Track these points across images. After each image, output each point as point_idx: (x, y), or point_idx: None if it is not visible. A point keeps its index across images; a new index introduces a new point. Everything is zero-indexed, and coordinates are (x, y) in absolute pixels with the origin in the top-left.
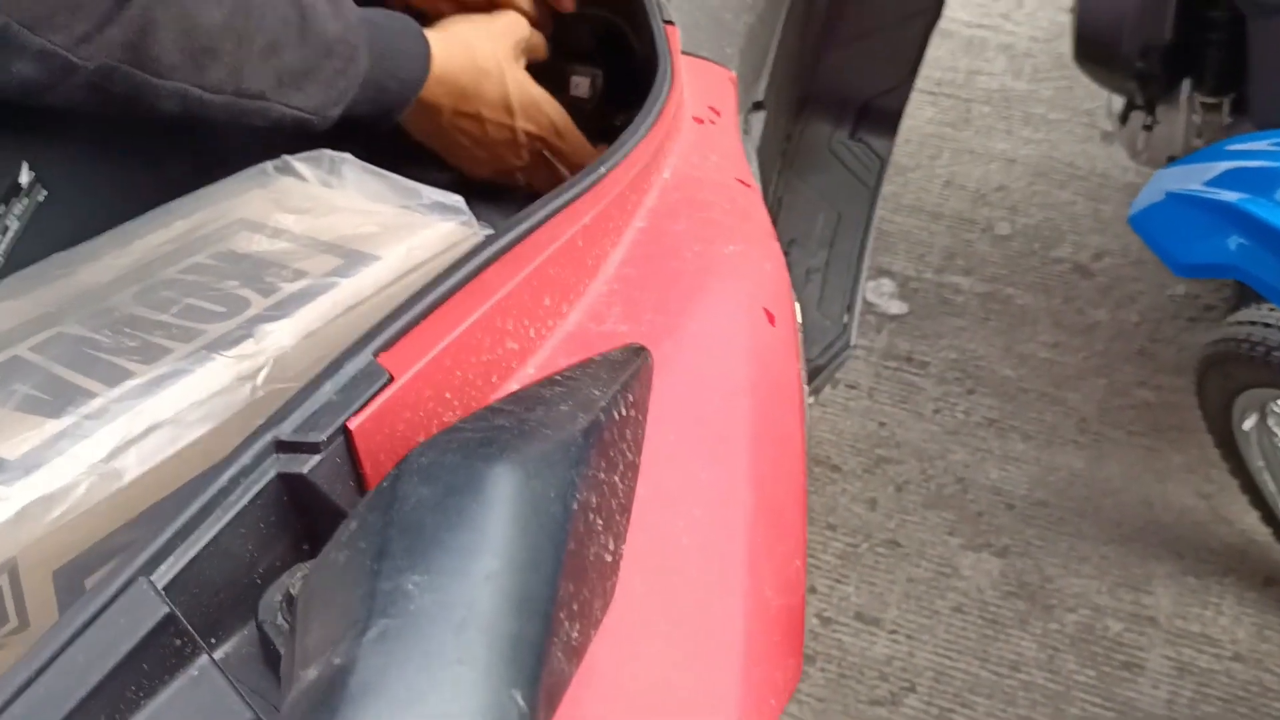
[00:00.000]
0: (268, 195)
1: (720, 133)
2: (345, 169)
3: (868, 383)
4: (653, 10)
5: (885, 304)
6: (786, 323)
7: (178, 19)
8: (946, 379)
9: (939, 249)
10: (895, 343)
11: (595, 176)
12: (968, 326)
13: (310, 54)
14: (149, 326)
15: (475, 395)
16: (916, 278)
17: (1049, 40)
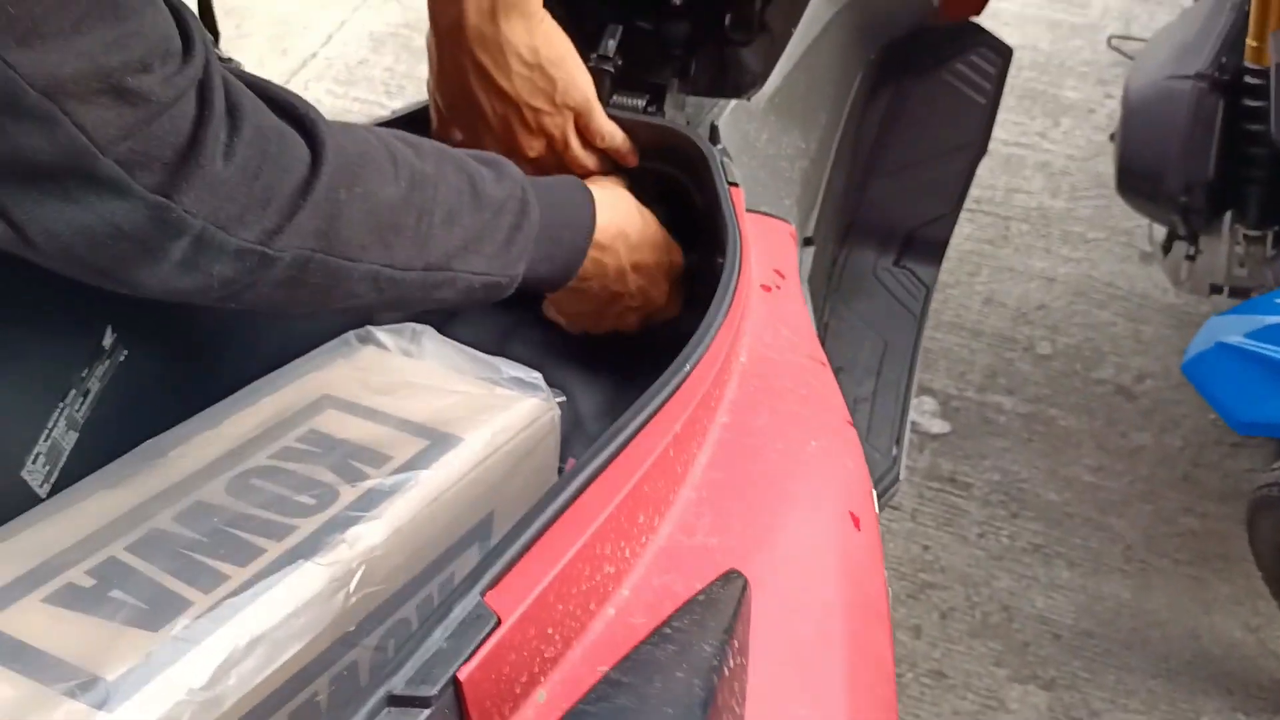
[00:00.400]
0: (352, 368)
1: (787, 299)
2: (425, 340)
3: (911, 504)
4: (718, 174)
5: (927, 423)
6: (870, 526)
7: (361, 198)
8: (990, 501)
9: (980, 367)
10: (938, 463)
11: (681, 376)
12: (1011, 447)
13: (486, 216)
14: (241, 522)
15: (574, 626)
16: (958, 396)
17: (1086, 159)
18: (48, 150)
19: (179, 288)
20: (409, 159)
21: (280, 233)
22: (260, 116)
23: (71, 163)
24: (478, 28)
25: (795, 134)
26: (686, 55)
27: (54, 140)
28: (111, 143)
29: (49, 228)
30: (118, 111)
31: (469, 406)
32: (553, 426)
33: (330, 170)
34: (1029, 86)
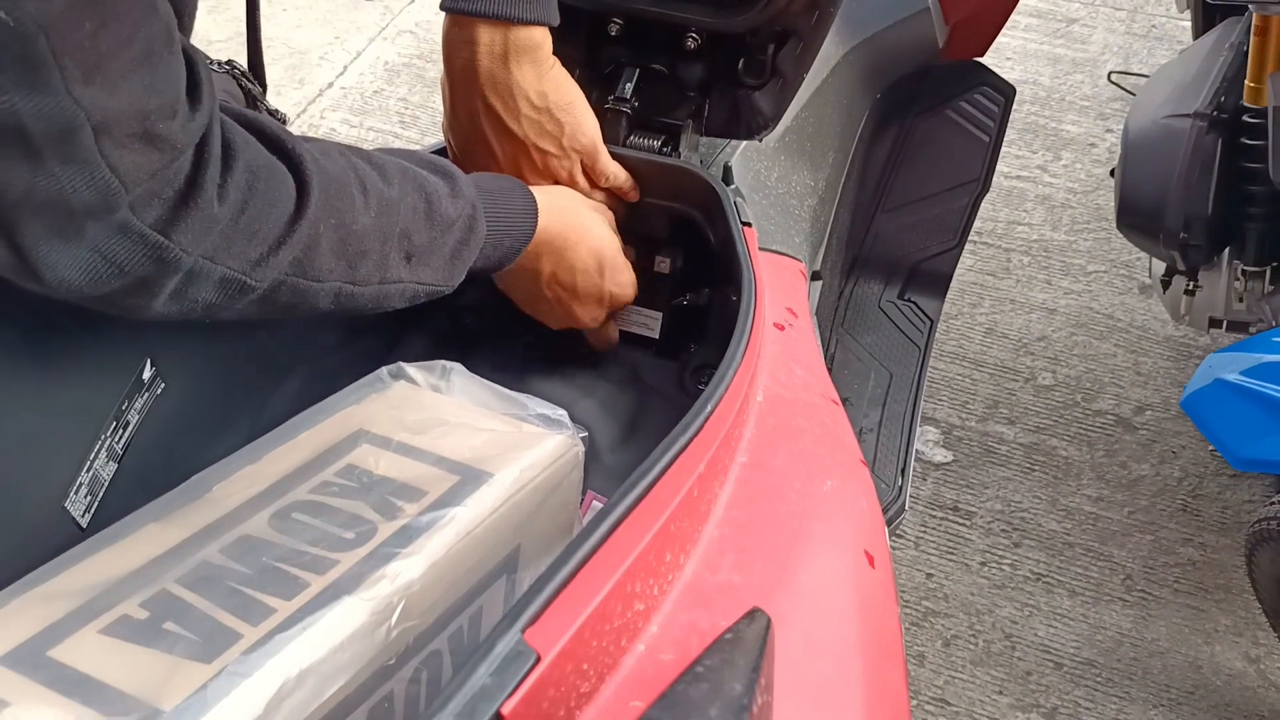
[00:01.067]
0: (385, 405)
1: (800, 338)
2: (454, 377)
3: (914, 532)
4: (732, 215)
5: (930, 452)
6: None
7: (335, 229)
8: (993, 530)
9: (982, 397)
10: (941, 492)
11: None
12: (1013, 477)
13: (437, 234)
14: (285, 556)
15: (608, 662)
16: (960, 426)
17: (1086, 193)
18: (85, 192)
19: (164, 313)
20: (378, 186)
21: (263, 264)
22: (251, 153)
23: (99, 204)
24: (489, 71)
25: (804, 172)
26: (701, 97)
27: (92, 182)
28: (136, 186)
29: (58, 268)
30: (146, 156)
31: (498, 443)
32: (576, 462)
33: (314, 206)
34: (1030, 120)
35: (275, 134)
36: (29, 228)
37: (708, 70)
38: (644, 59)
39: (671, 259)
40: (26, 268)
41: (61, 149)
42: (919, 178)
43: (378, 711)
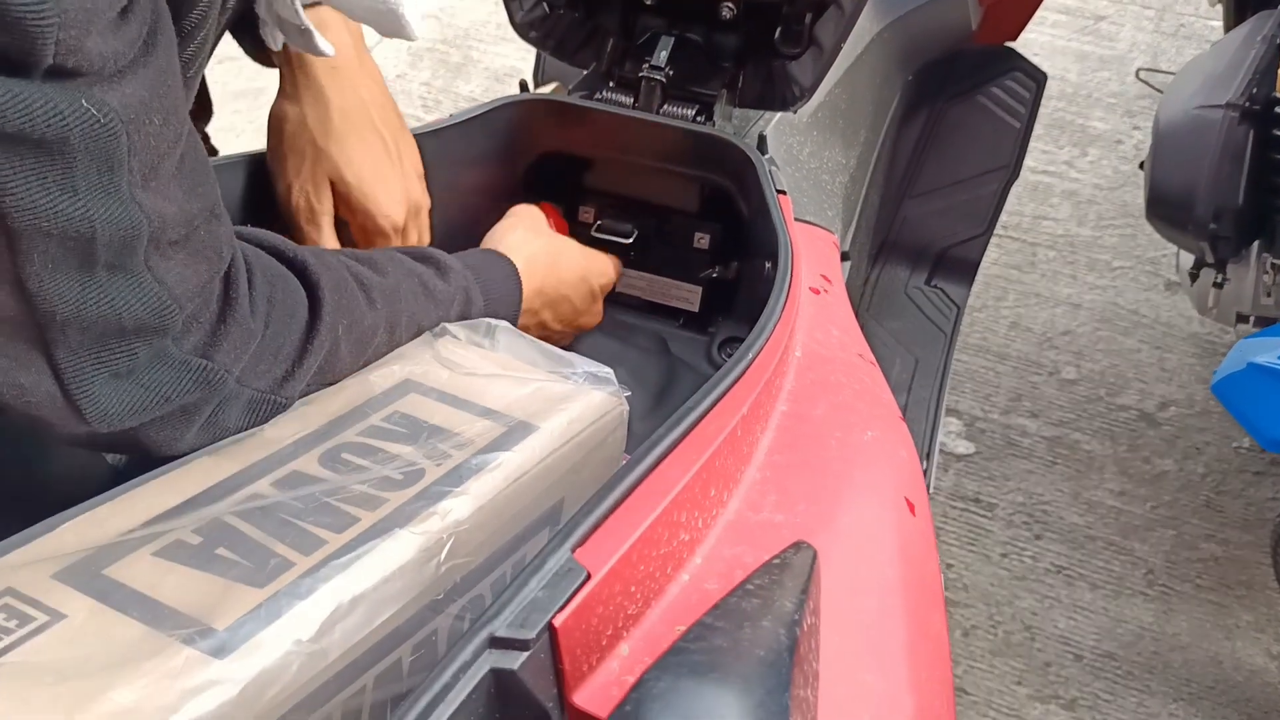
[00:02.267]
0: (433, 357)
1: (835, 302)
2: (500, 334)
3: (935, 522)
4: (766, 182)
5: (952, 443)
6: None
7: (349, 329)
8: (1014, 522)
9: (1005, 390)
10: (962, 483)
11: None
12: (1035, 470)
13: (441, 311)
14: (335, 492)
15: (653, 587)
16: (984, 418)
17: (1112, 189)
18: (137, 308)
19: (191, 446)
20: (373, 279)
21: (290, 379)
22: (263, 260)
23: (151, 322)
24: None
25: (837, 149)
26: (736, 68)
27: (144, 297)
28: (188, 302)
29: (101, 399)
30: (194, 269)
31: (545, 396)
32: (621, 420)
33: (328, 311)
34: (1057, 116)
35: (273, 242)
36: (76, 354)
37: (743, 40)
38: (679, 28)
39: (711, 235)
40: (68, 401)
41: (119, 259)
42: (949, 163)
43: (423, 646)
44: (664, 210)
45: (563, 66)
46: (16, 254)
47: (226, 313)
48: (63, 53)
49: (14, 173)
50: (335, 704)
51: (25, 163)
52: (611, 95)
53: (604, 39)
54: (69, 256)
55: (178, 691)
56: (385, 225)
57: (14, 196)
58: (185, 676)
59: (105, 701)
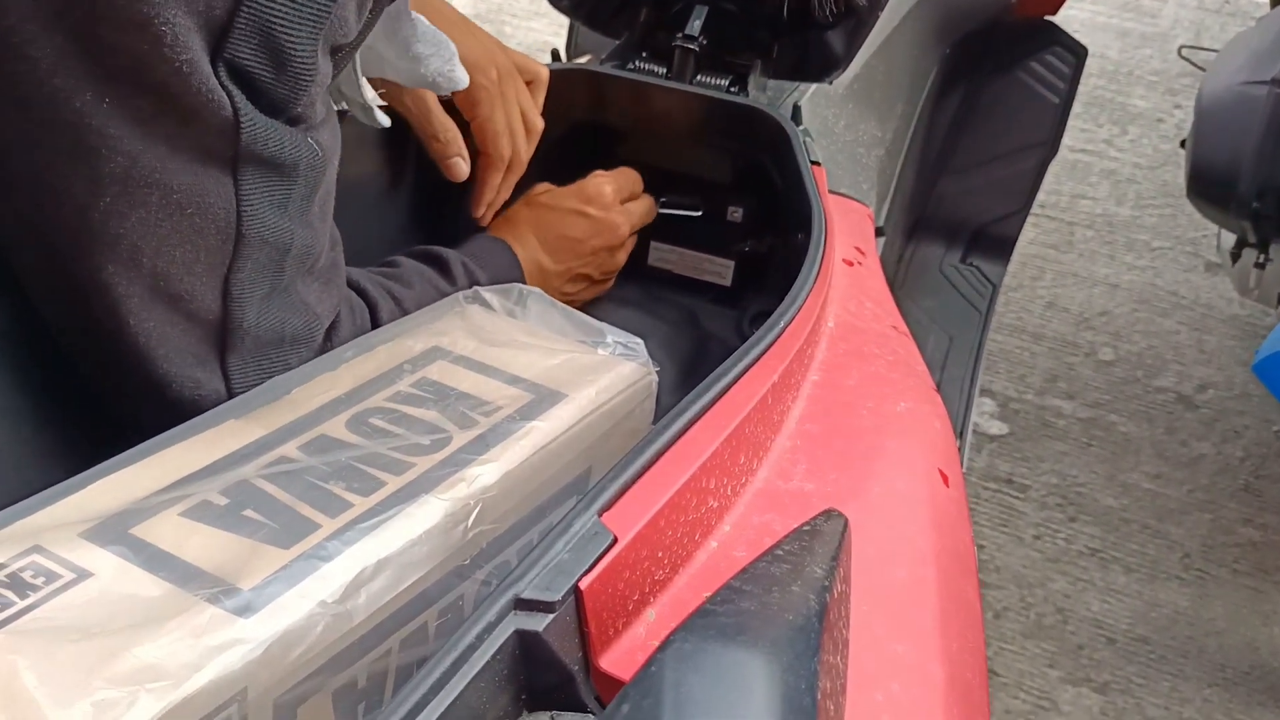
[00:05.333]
0: (462, 324)
1: (869, 274)
2: (531, 302)
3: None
4: (800, 153)
5: (986, 424)
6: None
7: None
8: (1048, 504)
9: (1041, 371)
10: (995, 464)
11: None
12: (1069, 451)
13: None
14: (362, 456)
15: (681, 553)
16: (1018, 399)
17: (1153, 168)
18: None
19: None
20: (405, 294)
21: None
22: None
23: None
24: None
25: (872, 122)
26: (771, 38)
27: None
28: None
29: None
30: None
31: (573, 366)
32: (649, 391)
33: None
34: (1097, 94)
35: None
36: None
37: (779, 8)
38: None
39: (745, 208)
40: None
41: (290, 279)
42: (986, 138)
43: (449, 610)
44: (697, 182)
45: (596, 39)
46: (237, 257)
47: (334, 335)
48: (305, 105)
49: (255, 188)
50: (361, 666)
51: (265, 181)
52: (644, 65)
53: (637, 8)
54: (268, 266)
55: (201, 649)
56: (484, 82)
57: (251, 206)
58: (209, 634)
59: (129, 658)
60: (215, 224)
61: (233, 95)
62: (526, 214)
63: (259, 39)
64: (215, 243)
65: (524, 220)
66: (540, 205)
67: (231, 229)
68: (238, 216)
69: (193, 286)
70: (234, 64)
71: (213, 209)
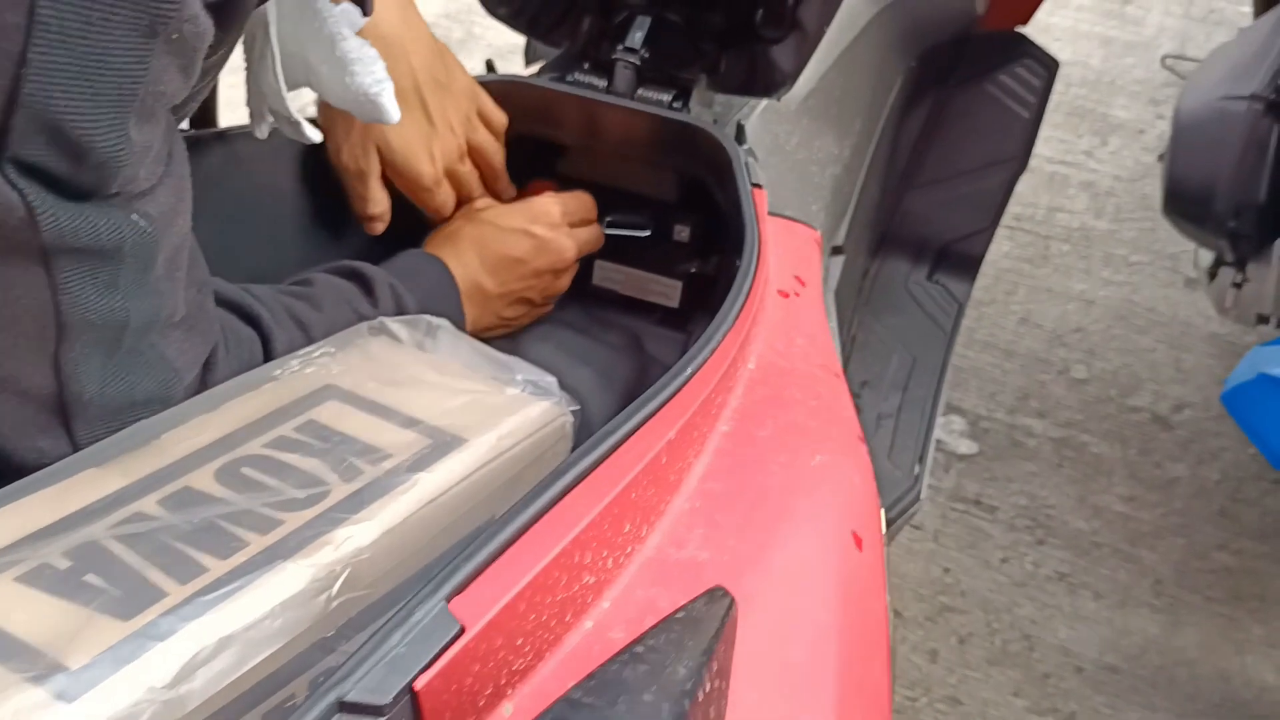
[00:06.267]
0: (362, 359)
1: (806, 306)
2: (440, 334)
3: (934, 524)
4: (740, 175)
5: (955, 442)
6: (874, 546)
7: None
8: (1016, 526)
9: (1012, 388)
10: (964, 484)
11: (682, 379)
12: (1040, 472)
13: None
14: (228, 512)
15: (547, 637)
16: (988, 417)
17: (1133, 180)
18: (148, 384)
19: None
20: (312, 319)
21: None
22: (229, 321)
23: (159, 395)
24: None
25: (828, 138)
26: (717, 51)
27: (153, 374)
28: (188, 373)
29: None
30: (192, 343)
31: (477, 407)
32: (564, 433)
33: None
34: (1077, 104)
35: (233, 297)
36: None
37: (725, 21)
38: (658, 7)
39: (691, 226)
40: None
41: (137, 343)
42: (953, 153)
43: (319, 684)
44: (641, 199)
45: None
46: (62, 341)
47: (208, 378)
48: (123, 182)
49: (73, 276)
50: None
51: (84, 268)
52: (584, 78)
53: (579, 17)
54: (101, 343)
55: None
56: (426, 183)
57: (70, 295)
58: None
59: None
60: (30, 314)
61: (25, 193)
62: (468, 230)
63: (46, 136)
64: (33, 330)
65: (465, 237)
66: (483, 221)
67: (49, 318)
68: (55, 306)
69: (18, 369)
70: (22, 161)
71: (23, 301)
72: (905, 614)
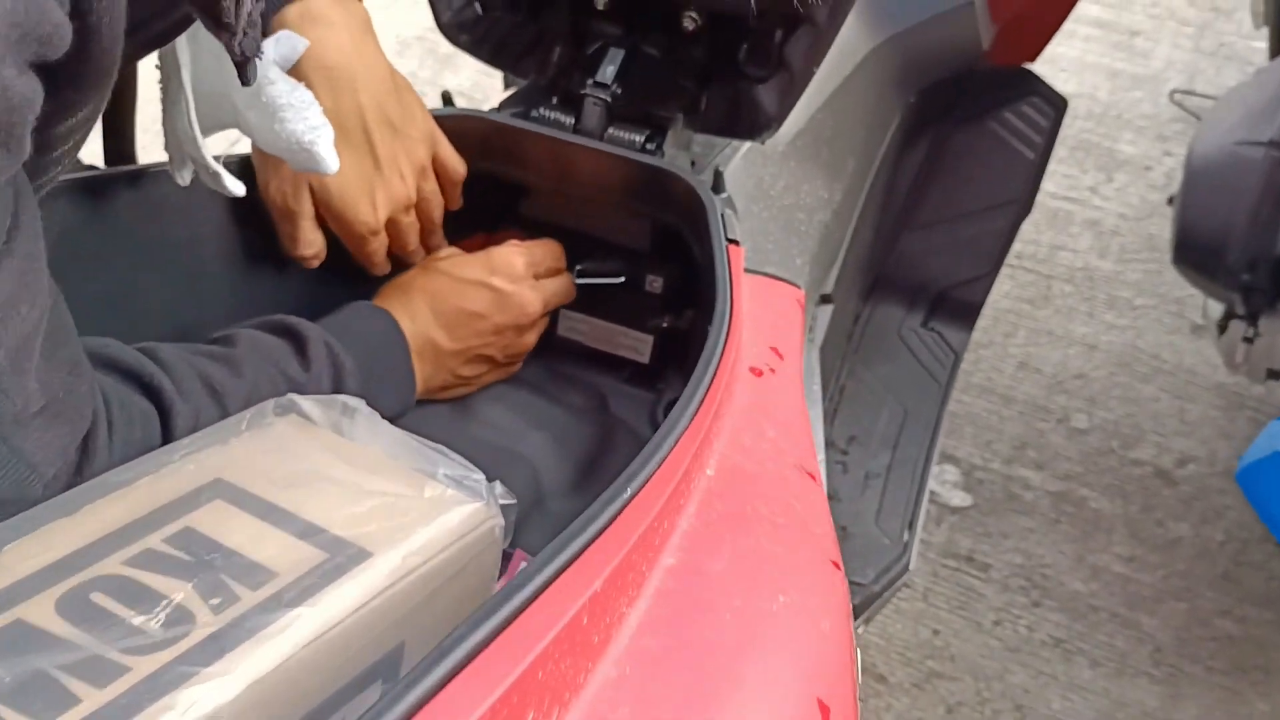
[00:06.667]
0: (260, 448)
1: (780, 388)
2: (359, 419)
3: (924, 582)
4: (716, 229)
5: (948, 494)
6: (845, 711)
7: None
8: (1010, 586)
9: (1009, 437)
10: (956, 539)
11: (620, 503)
12: (1036, 528)
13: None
14: (64, 656)
15: None
16: (983, 467)
17: (1139, 219)
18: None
19: None
20: (229, 385)
21: None
22: (121, 394)
23: (11, 495)
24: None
25: (818, 182)
26: (697, 89)
27: (3, 472)
28: (49, 468)
29: None
30: (55, 433)
31: (388, 512)
32: (491, 540)
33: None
34: (1083, 138)
35: (131, 365)
36: None
37: (707, 57)
38: (634, 39)
39: (665, 278)
40: None
41: None
42: (953, 194)
43: None
44: (610, 247)
45: None
46: None
47: (85, 468)
48: None
49: None
50: None
51: None
52: (549, 114)
53: (549, 48)
54: None
55: None
56: (363, 230)
57: None
58: None
59: None
60: None
61: None
62: (422, 281)
63: None
64: None
65: (418, 289)
66: (438, 272)
67: None
68: None
69: None
70: None
71: None
72: (891, 679)
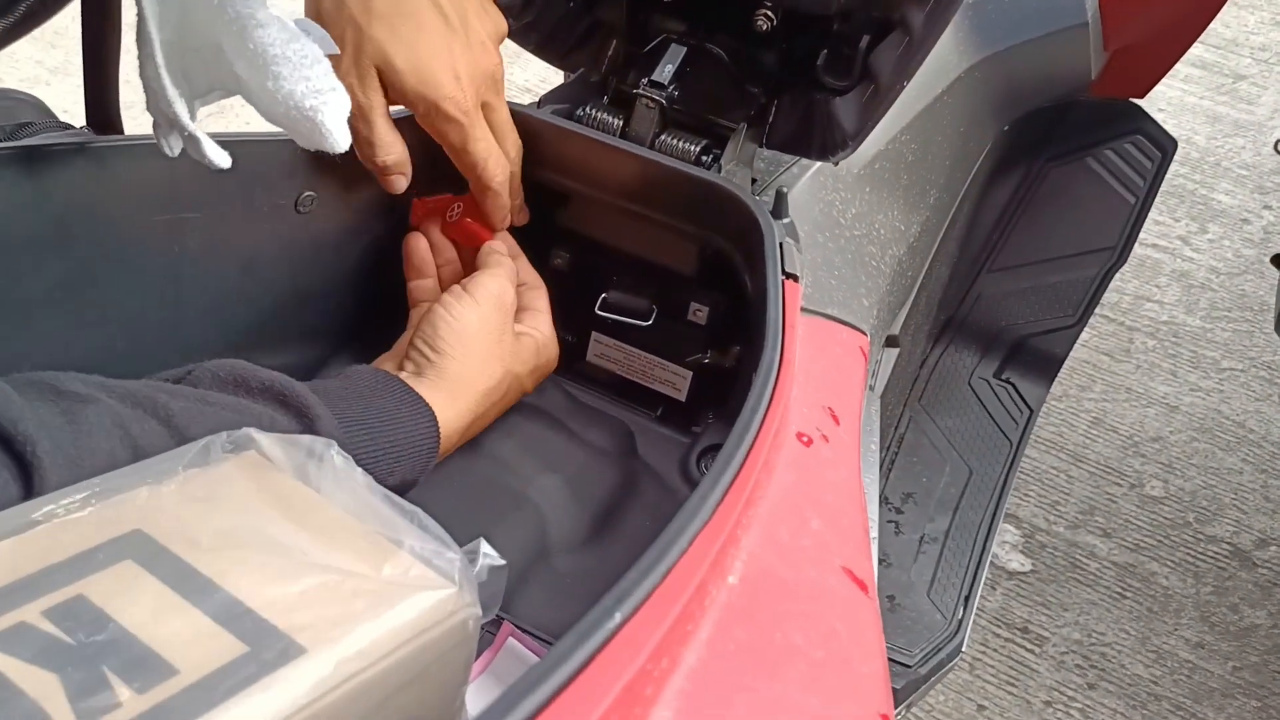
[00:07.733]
0: (196, 492)
1: (834, 461)
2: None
3: (973, 651)
4: (771, 261)
5: (1005, 556)
6: None
7: None
8: (1065, 664)
9: (1076, 499)
10: (1011, 606)
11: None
12: (1099, 602)
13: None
14: None
15: None
16: (1046, 530)
17: (1232, 275)
18: None
19: None
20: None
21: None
22: None
23: None
24: None
25: (894, 212)
26: (767, 97)
27: None
28: None
29: None
30: None
31: (332, 595)
32: (463, 635)
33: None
34: (1177, 184)
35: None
36: None
37: (780, 62)
38: (698, 37)
39: (711, 307)
40: None
41: None
42: (1041, 235)
43: None
44: (653, 268)
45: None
46: None
47: None
48: None
49: None
50: None
51: None
52: (596, 113)
53: (605, 41)
54: None
55: None
56: (452, 111)
57: None
58: None
59: None
60: None
61: None
62: None
63: None
64: None
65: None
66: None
67: None
68: None
69: None
70: None
71: None
72: None
